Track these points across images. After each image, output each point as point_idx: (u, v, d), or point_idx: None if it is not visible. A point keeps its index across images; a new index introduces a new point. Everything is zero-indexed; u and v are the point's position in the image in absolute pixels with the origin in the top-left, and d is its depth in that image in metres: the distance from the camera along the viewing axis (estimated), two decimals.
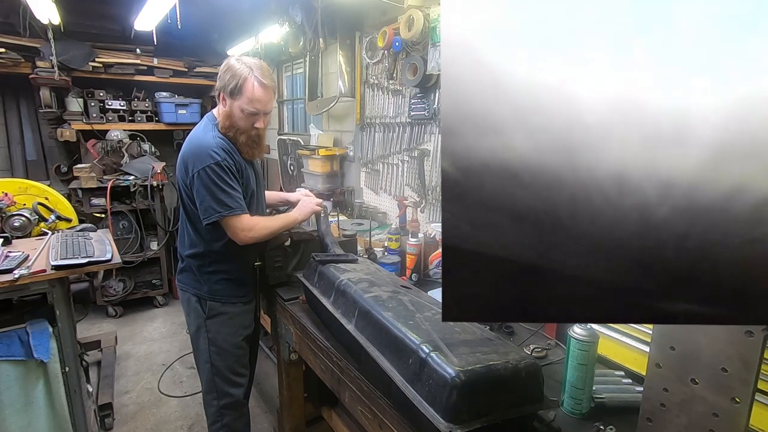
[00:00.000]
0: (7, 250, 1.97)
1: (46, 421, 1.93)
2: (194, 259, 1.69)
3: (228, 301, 1.71)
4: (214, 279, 1.68)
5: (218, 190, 1.50)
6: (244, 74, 1.50)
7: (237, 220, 1.53)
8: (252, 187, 1.69)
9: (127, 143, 3.95)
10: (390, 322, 1.10)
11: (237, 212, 1.52)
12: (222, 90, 1.55)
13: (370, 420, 1.23)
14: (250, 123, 1.57)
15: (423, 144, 2.43)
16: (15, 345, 1.80)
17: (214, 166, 1.49)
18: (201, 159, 1.50)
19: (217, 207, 1.50)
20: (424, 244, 1.96)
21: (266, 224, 1.64)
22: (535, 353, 1.31)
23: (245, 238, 1.55)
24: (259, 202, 1.77)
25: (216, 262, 1.67)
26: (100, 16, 4.11)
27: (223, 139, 1.57)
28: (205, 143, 1.53)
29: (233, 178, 1.54)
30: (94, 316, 3.78)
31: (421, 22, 2.13)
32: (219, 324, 1.70)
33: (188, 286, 1.72)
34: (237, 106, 1.53)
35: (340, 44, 2.92)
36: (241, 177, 1.60)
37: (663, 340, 0.86)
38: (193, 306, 1.71)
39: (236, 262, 1.70)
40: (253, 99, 1.52)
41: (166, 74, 4.11)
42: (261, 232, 1.60)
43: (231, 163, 1.54)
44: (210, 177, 1.49)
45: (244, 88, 1.50)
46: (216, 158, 1.50)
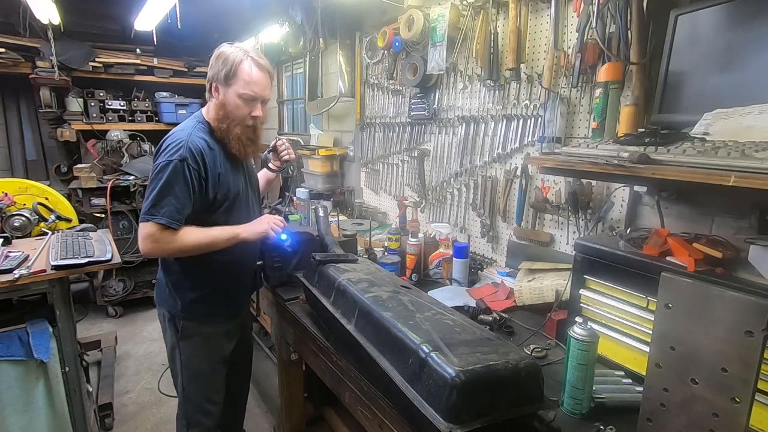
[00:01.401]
0: (7, 250, 1.97)
1: (46, 421, 1.93)
2: (166, 273, 1.53)
3: (206, 321, 1.54)
4: (190, 296, 1.51)
5: (160, 190, 1.32)
6: (238, 57, 1.38)
7: (149, 225, 1.33)
8: (237, 190, 1.51)
9: (127, 143, 3.95)
10: (390, 322, 1.09)
11: (157, 219, 1.31)
12: (214, 79, 1.41)
13: (370, 420, 1.23)
14: (246, 111, 1.42)
15: (423, 144, 2.43)
16: (15, 345, 1.80)
17: (177, 164, 1.33)
18: (165, 152, 1.36)
19: (146, 206, 1.33)
20: (424, 244, 1.96)
21: (180, 239, 1.37)
22: (535, 353, 1.31)
23: (146, 248, 1.35)
24: (245, 207, 1.58)
25: (193, 276, 1.50)
26: (100, 16, 4.11)
27: (204, 140, 1.41)
28: (178, 138, 1.38)
29: (190, 184, 1.35)
30: (94, 316, 3.78)
31: (421, 22, 2.12)
32: (193, 347, 1.55)
33: (162, 302, 1.56)
34: (232, 92, 1.39)
35: (340, 44, 2.92)
36: (216, 183, 1.43)
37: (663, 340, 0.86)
38: (166, 324, 1.56)
39: (220, 274, 1.53)
40: (250, 81, 1.39)
41: (166, 74, 4.11)
42: (169, 247, 1.36)
43: (198, 168, 1.36)
44: (166, 173, 1.32)
45: (240, 70, 1.37)
46: (180, 155, 1.34)
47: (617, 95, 1.43)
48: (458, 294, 1.71)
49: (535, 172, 1.83)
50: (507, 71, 1.84)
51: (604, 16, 1.43)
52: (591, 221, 1.62)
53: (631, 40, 1.36)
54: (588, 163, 1.11)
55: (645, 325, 1.13)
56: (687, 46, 1.24)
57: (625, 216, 1.51)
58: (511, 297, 1.66)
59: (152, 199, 1.33)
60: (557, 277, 1.55)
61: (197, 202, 1.40)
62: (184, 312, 1.51)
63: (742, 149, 0.89)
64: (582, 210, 1.63)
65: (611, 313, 1.22)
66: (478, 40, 1.92)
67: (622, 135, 1.30)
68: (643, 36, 1.34)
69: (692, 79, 1.24)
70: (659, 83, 1.30)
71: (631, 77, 1.41)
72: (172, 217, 1.33)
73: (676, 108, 1.26)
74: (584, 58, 1.51)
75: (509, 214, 1.97)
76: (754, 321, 0.72)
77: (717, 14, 1.18)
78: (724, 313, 0.76)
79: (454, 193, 2.24)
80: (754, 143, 0.91)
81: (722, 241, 1.11)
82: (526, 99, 1.83)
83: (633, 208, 1.49)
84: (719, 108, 1.09)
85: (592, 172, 1.12)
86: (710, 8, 1.19)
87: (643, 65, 1.36)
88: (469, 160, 2.12)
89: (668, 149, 1.01)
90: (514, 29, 1.75)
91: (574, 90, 1.63)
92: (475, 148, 2.09)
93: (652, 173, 0.96)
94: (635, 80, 1.38)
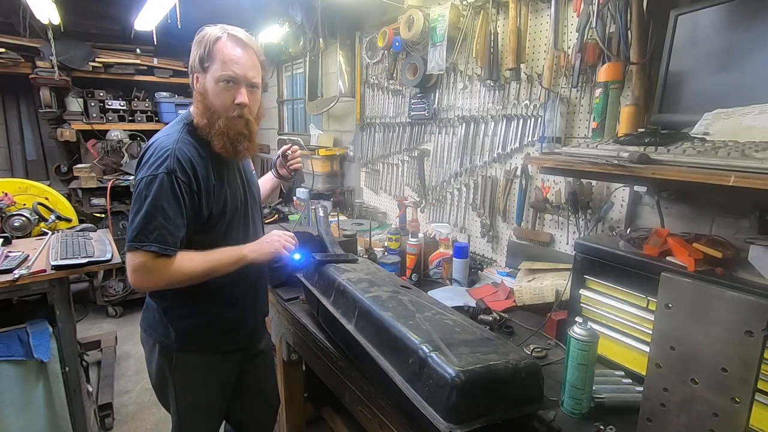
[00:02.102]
0: (7, 250, 1.97)
1: (46, 421, 1.93)
2: (157, 298, 1.33)
3: (205, 350, 1.36)
4: (185, 325, 1.31)
5: (147, 211, 1.13)
6: (214, 34, 1.19)
7: (138, 255, 1.14)
8: (235, 204, 1.32)
9: (127, 143, 3.95)
10: (390, 322, 1.09)
11: (147, 246, 1.13)
12: (193, 69, 1.22)
13: (370, 420, 1.23)
14: (228, 99, 1.20)
15: (423, 144, 2.43)
16: (15, 345, 1.80)
17: (164, 178, 1.14)
18: (149, 164, 1.16)
19: (132, 232, 1.15)
20: (424, 244, 1.96)
21: (177, 268, 1.18)
22: (535, 353, 1.31)
23: (138, 282, 1.17)
24: (246, 223, 1.39)
25: (190, 302, 1.30)
26: (100, 16, 4.11)
27: (192, 145, 1.21)
28: (162, 147, 1.18)
29: (181, 200, 1.17)
30: (94, 316, 3.78)
31: (421, 22, 2.12)
32: (190, 379, 1.36)
33: (151, 329, 1.35)
34: (210, 78, 1.20)
35: (340, 44, 2.92)
36: (208, 195, 1.23)
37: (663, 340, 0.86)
38: (156, 353, 1.35)
39: (218, 298, 1.33)
40: (227, 60, 1.18)
41: (166, 74, 4.11)
42: (165, 278, 1.17)
43: (188, 181, 1.17)
44: (151, 190, 1.13)
45: (215, 49, 1.18)
46: (167, 167, 1.14)
47: (617, 95, 1.43)
48: (458, 294, 1.71)
49: (535, 172, 1.83)
50: (507, 71, 1.84)
51: (604, 16, 1.43)
52: (591, 221, 1.62)
53: (631, 40, 1.36)
54: (588, 163, 1.11)
55: (645, 325, 1.13)
56: (687, 46, 1.24)
57: (625, 216, 1.51)
58: (511, 297, 1.66)
59: (138, 222, 1.13)
60: (557, 277, 1.55)
61: (190, 221, 1.20)
62: (179, 343, 1.32)
63: (742, 149, 0.88)
64: (582, 210, 1.63)
65: (611, 313, 1.22)
66: (478, 40, 1.92)
67: (622, 135, 1.30)
68: (643, 36, 1.34)
69: (692, 79, 1.24)
70: (659, 83, 1.30)
71: (631, 77, 1.41)
72: (165, 242, 1.14)
73: (676, 108, 1.26)
74: (584, 58, 1.51)
75: (509, 214, 1.97)
76: (754, 321, 0.72)
77: (717, 14, 1.18)
78: (724, 313, 0.76)
79: (454, 193, 2.24)
80: (754, 143, 0.91)
81: (722, 241, 1.11)
82: (526, 99, 1.83)
83: (633, 208, 1.49)
84: (719, 108, 1.09)
85: (592, 172, 1.12)
86: (710, 8, 1.18)
87: (643, 65, 1.36)
88: (469, 160, 2.12)
89: (668, 149, 1.01)
90: (514, 29, 1.75)
91: (574, 90, 1.63)
92: (475, 148, 2.09)
93: (652, 173, 0.96)
94: (635, 80, 1.38)
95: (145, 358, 1.42)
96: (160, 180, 1.14)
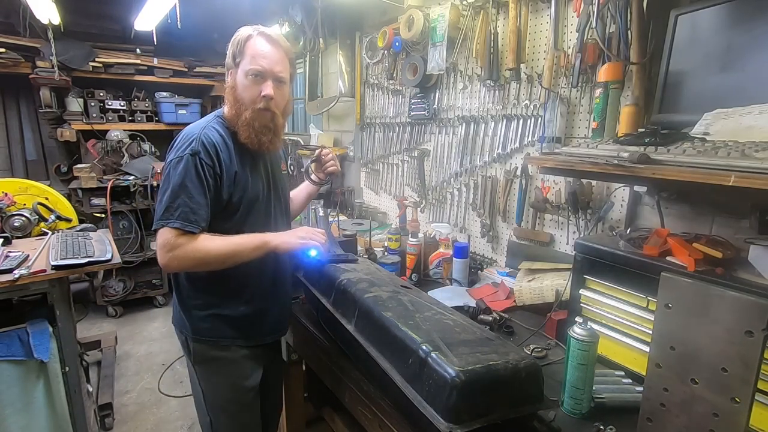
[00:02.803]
0: (7, 250, 1.97)
1: (46, 421, 1.93)
2: (176, 290, 1.37)
3: (216, 345, 1.36)
4: (197, 315, 1.34)
5: (173, 191, 1.18)
6: (246, 33, 1.26)
7: (164, 232, 1.18)
8: (256, 194, 1.33)
9: (127, 143, 3.95)
10: (390, 322, 1.09)
11: (171, 223, 1.17)
12: (227, 66, 1.31)
13: (370, 420, 1.23)
14: (256, 91, 1.25)
15: (423, 144, 2.43)
16: (15, 345, 1.80)
17: (188, 158, 1.19)
18: (176, 147, 1.23)
19: (159, 210, 1.19)
20: (424, 244, 1.96)
21: (198, 246, 1.20)
22: (535, 353, 1.31)
23: (163, 260, 1.19)
24: (266, 215, 1.38)
25: (201, 291, 1.33)
26: (100, 16, 4.11)
27: (219, 133, 1.27)
28: (190, 132, 1.25)
29: (204, 181, 1.20)
30: (94, 316, 3.78)
31: (421, 22, 2.12)
32: (210, 372, 1.38)
33: (176, 322, 1.41)
34: (240, 72, 1.26)
35: (340, 44, 2.92)
36: (232, 182, 1.26)
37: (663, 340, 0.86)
38: (188, 350, 1.39)
39: (226, 288, 1.33)
40: (255, 55, 1.24)
41: (166, 74, 4.11)
42: (187, 256, 1.19)
43: (211, 163, 1.22)
44: (177, 170, 1.19)
45: (246, 46, 1.25)
46: (192, 148, 1.20)
47: (617, 95, 1.43)
48: (458, 294, 1.71)
49: (535, 172, 1.83)
50: (507, 71, 1.85)
51: (604, 16, 1.43)
52: (591, 221, 1.62)
53: (631, 40, 1.36)
54: (588, 163, 1.11)
55: (645, 325, 1.13)
56: (687, 46, 1.24)
57: (625, 216, 1.51)
58: (511, 297, 1.66)
59: (165, 201, 1.19)
60: (557, 277, 1.55)
61: (211, 203, 1.24)
62: (194, 333, 1.35)
63: (742, 149, 0.88)
64: (582, 210, 1.63)
65: (611, 313, 1.22)
66: (478, 40, 1.92)
67: (622, 135, 1.30)
68: (643, 36, 1.34)
69: (692, 79, 1.24)
70: (659, 83, 1.30)
71: (631, 77, 1.41)
72: (187, 219, 1.17)
73: (676, 108, 1.26)
74: (584, 58, 1.51)
75: (509, 214, 1.97)
76: (754, 321, 0.72)
77: (717, 14, 1.18)
78: (724, 313, 0.76)
79: (454, 193, 2.24)
80: (754, 143, 0.91)
81: (722, 241, 1.11)
82: (526, 99, 1.83)
83: (633, 208, 1.49)
84: (719, 108, 1.09)
85: (592, 172, 1.12)
86: (710, 8, 1.19)
87: (643, 65, 1.36)
88: (469, 160, 2.12)
89: (668, 149, 1.01)
90: (514, 29, 1.75)
91: (574, 90, 1.63)
92: (475, 148, 2.09)
93: (652, 173, 0.96)
94: (635, 80, 1.38)
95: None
96: (186, 161, 1.19)
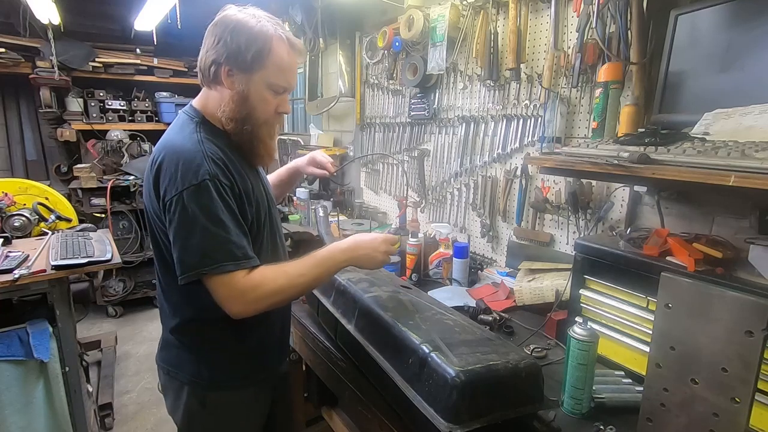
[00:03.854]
0: (7, 250, 1.97)
1: (46, 421, 1.93)
2: (181, 333, 1.12)
3: (243, 384, 1.17)
4: (225, 356, 1.13)
5: (205, 227, 0.94)
6: (268, 32, 1.00)
7: (231, 279, 0.96)
8: (266, 207, 1.15)
9: (127, 143, 3.95)
10: (390, 322, 1.09)
11: (229, 268, 0.95)
12: (227, 61, 1.00)
13: (370, 420, 1.23)
14: (272, 106, 1.06)
15: (423, 144, 2.43)
16: (15, 345, 1.80)
17: (208, 185, 0.95)
18: (180, 175, 0.95)
19: (193, 256, 0.95)
20: (424, 244, 1.96)
21: (279, 283, 1.00)
22: (535, 353, 1.31)
23: (238, 308, 0.98)
24: (273, 227, 1.20)
25: (230, 327, 1.07)
26: (100, 16, 4.11)
27: (212, 141, 1.03)
28: (188, 150, 0.98)
29: (233, 205, 1.00)
30: (94, 316, 3.78)
31: (421, 22, 2.12)
32: (226, 420, 1.16)
33: (177, 370, 1.14)
34: (260, 81, 1.02)
35: (340, 44, 2.92)
36: (248, 199, 1.07)
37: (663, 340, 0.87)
38: (184, 399, 1.13)
39: (260, 326, 1.14)
40: (284, 68, 1.03)
41: (166, 74, 4.11)
42: (267, 296, 0.99)
43: (231, 184, 1.01)
44: (200, 203, 0.94)
45: (273, 51, 1.00)
46: (208, 171, 0.96)
47: (617, 95, 1.43)
48: (458, 294, 1.71)
49: (535, 172, 1.83)
50: (507, 71, 1.84)
51: (604, 16, 1.43)
52: (591, 221, 1.62)
53: (631, 40, 1.36)
54: (588, 163, 1.11)
55: (645, 325, 1.13)
56: (687, 46, 1.24)
57: (625, 216, 1.51)
58: (511, 297, 1.66)
59: (200, 244, 0.94)
60: (557, 277, 1.55)
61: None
62: (212, 380, 1.13)
63: (742, 149, 0.89)
64: (582, 210, 1.63)
65: (611, 313, 1.22)
66: (478, 40, 1.92)
67: (622, 135, 1.30)
68: (643, 36, 1.34)
69: (692, 79, 1.24)
70: (659, 83, 1.30)
71: (631, 77, 1.41)
72: (235, 257, 0.97)
73: (676, 108, 1.26)
74: (584, 58, 1.51)
75: (509, 214, 1.97)
76: (754, 321, 0.72)
77: (717, 14, 1.18)
78: (724, 313, 0.76)
79: (454, 193, 2.24)
80: (754, 143, 0.91)
81: (722, 241, 1.11)
82: (526, 99, 1.83)
83: (633, 208, 1.49)
84: (719, 108, 1.09)
85: (592, 172, 1.12)
86: (710, 8, 1.18)
87: (643, 65, 1.36)
88: (469, 160, 2.12)
89: (668, 149, 1.01)
90: (514, 29, 1.75)
91: (574, 90, 1.63)
92: (475, 148, 2.09)
93: (652, 173, 0.96)
94: (635, 80, 1.38)
95: (167, 406, 1.20)
96: (205, 188, 0.95)
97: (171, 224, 0.96)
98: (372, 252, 1.12)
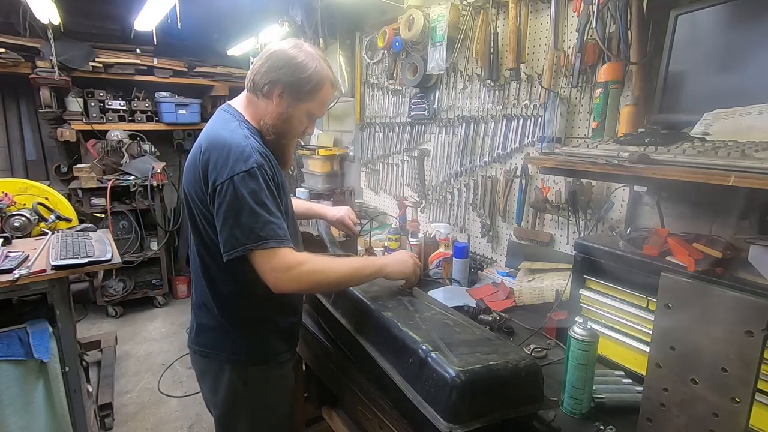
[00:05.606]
0: (7, 250, 1.97)
1: (46, 421, 1.93)
2: (228, 307, 1.21)
3: (278, 360, 1.28)
4: (263, 332, 1.24)
5: (252, 208, 1.06)
6: (323, 74, 1.19)
7: (275, 254, 1.07)
8: (290, 207, 1.33)
9: (127, 143, 3.94)
10: (390, 322, 1.09)
11: (271, 244, 1.06)
12: (285, 86, 1.16)
13: (370, 420, 1.23)
14: (302, 127, 1.26)
15: (423, 144, 2.43)
16: (15, 345, 1.80)
17: (256, 172, 1.07)
18: (231, 162, 1.07)
19: (245, 234, 1.06)
20: (424, 244, 1.96)
21: (319, 267, 1.13)
22: (535, 353, 1.31)
23: (279, 281, 1.08)
24: (294, 222, 1.38)
25: (268, 304, 1.22)
26: (100, 16, 4.11)
27: (257, 140, 1.17)
28: (237, 142, 1.10)
29: (276, 193, 1.13)
30: (94, 316, 3.78)
31: (421, 22, 2.12)
32: (266, 394, 1.27)
33: (217, 351, 1.24)
34: (304, 109, 1.21)
35: (340, 44, 2.92)
36: (284, 190, 1.23)
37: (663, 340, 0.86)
38: (226, 378, 1.23)
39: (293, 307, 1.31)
40: (324, 102, 1.24)
41: (166, 74, 4.10)
42: (306, 277, 1.11)
43: (273, 176, 1.15)
44: (249, 188, 1.06)
45: (322, 89, 1.20)
46: (256, 161, 1.08)
47: (617, 95, 1.43)
48: (458, 294, 1.71)
49: (535, 172, 1.83)
50: (507, 71, 1.85)
51: (604, 16, 1.43)
52: (591, 221, 1.62)
53: (631, 40, 1.36)
54: (588, 163, 1.11)
55: (645, 325, 1.13)
56: (687, 46, 1.24)
57: (625, 216, 1.51)
58: (511, 297, 1.66)
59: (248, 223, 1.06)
60: (557, 277, 1.55)
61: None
62: (253, 355, 1.24)
63: (742, 149, 0.89)
64: (582, 210, 1.63)
65: (611, 313, 1.22)
66: (478, 40, 1.92)
67: (622, 135, 1.30)
68: (643, 36, 1.34)
69: (692, 79, 1.24)
70: (659, 83, 1.30)
71: (631, 77, 1.41)
72: (278, 236, 1.08)
73: (676, 108, 1.26)
74: (584, 58, 1.51)
75: (509, 214, 1.97)
76: (754, 321, 0.72)
77: (717, 14, 1.18)
78: (724, 313, 0.76)
79: (454, 193, 2.24)
80: (754, 143, 0.91)
81: (722, 241, 1.11)
82: (526, 99, 1.83)
83: (633, 208, 1.49)
84: (719, 108, 1.09)
85: (592, 172, 1.12)
86: (710, 8, 1.18)
87: (643, 65, 1.36)
88: (469, 160, 2.12)
89: (668, 149, 1.01)
90: (514, 29, 1.75)
91: (574, 90, 1.63)
92: (475, 148, 2.09)
93: (652, 173, 0.96)
94: (635, 80, 1.38)
95: (204, 391, 1.31)
96: (254, 175, 1.08)
97: (221, 207, 1.07)
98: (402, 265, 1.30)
